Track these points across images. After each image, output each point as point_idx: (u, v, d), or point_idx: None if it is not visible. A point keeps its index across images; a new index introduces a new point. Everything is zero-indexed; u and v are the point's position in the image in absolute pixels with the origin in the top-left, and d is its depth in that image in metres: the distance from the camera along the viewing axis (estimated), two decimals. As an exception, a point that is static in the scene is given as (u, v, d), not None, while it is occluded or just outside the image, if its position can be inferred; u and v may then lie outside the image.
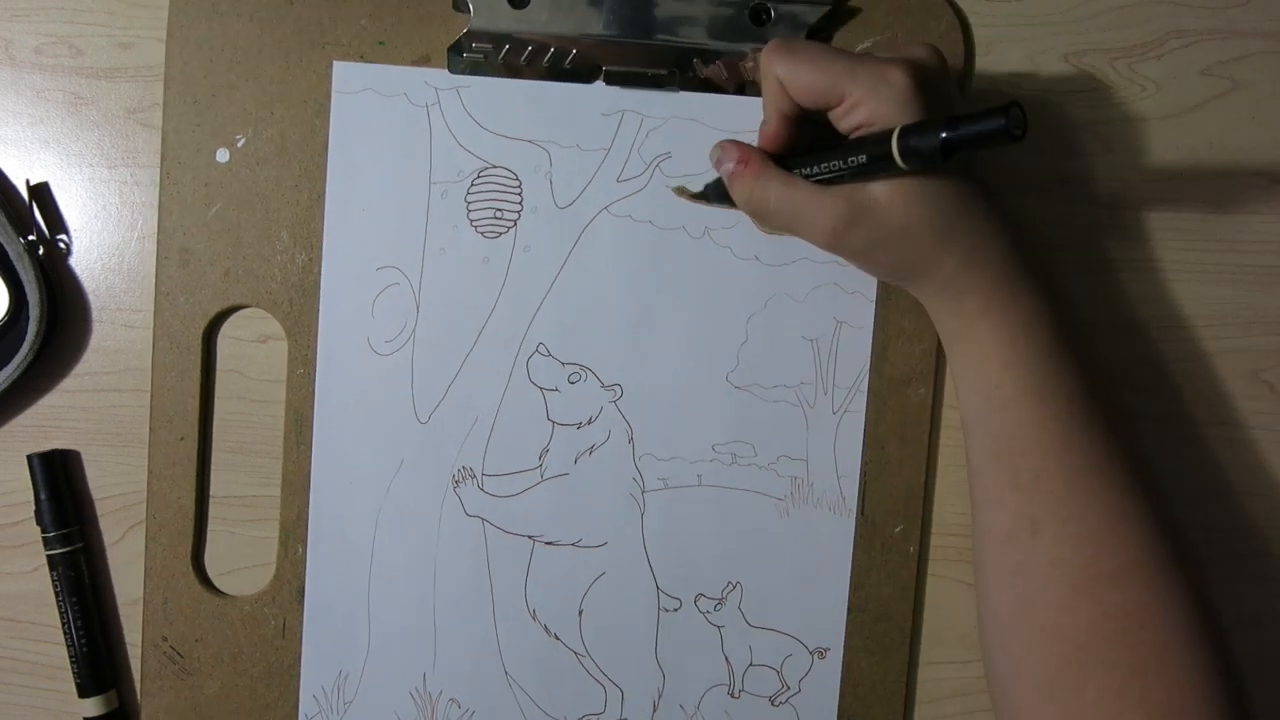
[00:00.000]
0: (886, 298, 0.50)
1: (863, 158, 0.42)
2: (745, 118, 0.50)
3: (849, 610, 0.51)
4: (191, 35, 0.49)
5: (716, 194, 0.49)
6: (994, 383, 0.44)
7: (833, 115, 0.44)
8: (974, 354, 0.45)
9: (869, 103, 0.42)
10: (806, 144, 0.46)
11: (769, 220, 0.46)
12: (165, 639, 0.51)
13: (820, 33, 0.49)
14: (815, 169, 0.44)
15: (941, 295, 0.45)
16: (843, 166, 0.43)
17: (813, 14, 0.48)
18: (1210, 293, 0.51)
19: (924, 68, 0.43)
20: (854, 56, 0.43)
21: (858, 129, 0.43)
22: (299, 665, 0.51)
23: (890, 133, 0.40)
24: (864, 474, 0.51)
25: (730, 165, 0.46)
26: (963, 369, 0.46)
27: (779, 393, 0.51)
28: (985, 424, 0.45)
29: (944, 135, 0.38)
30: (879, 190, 0.43)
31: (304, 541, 0.51)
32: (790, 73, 0.43)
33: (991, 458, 0.45)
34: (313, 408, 0.50)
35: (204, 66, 0.49)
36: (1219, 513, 0.52)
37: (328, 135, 0.50)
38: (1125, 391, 0.52)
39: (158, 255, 0.50)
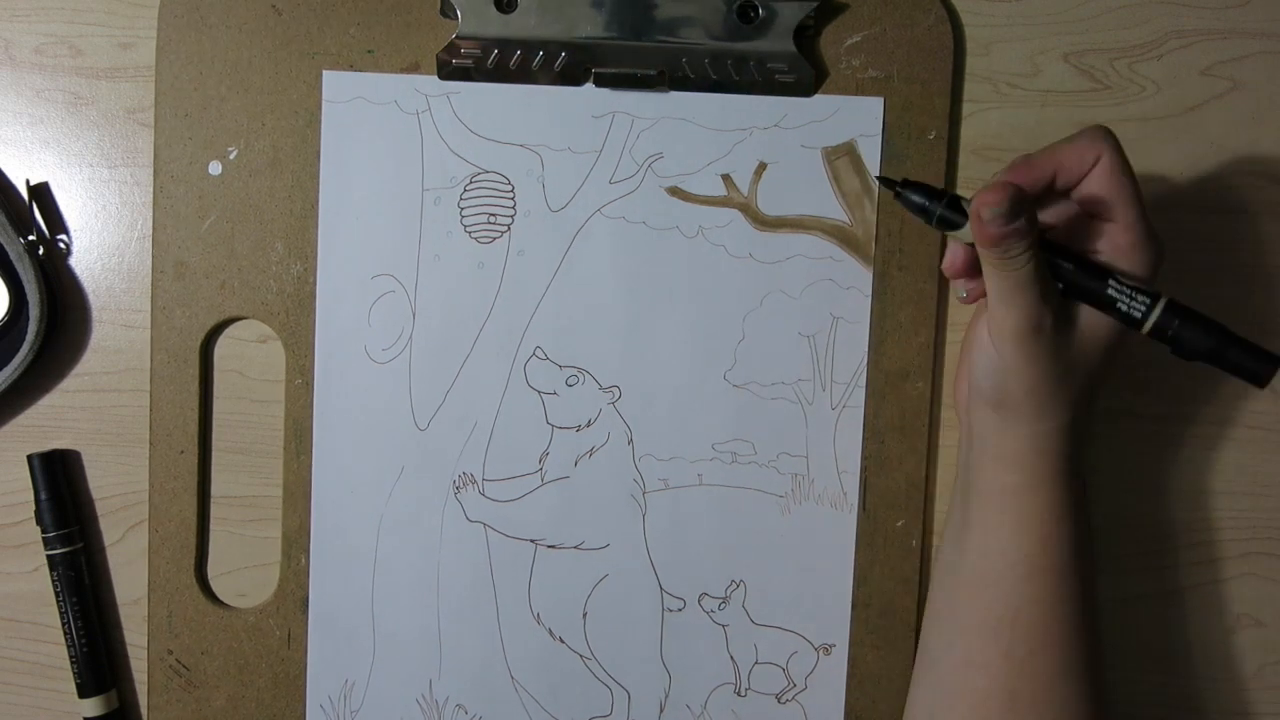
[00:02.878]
0: (883, 292, 0.50)
1: (1117, 301, 0.40)
2: (735, 117, 0.50)
3: (853, 606, 0.51)
4: (181, 48, 0.49)
5: (944, 220, 0.42)
6: (1026, 552, 0.44)
7: (1094, 223, 0.42)
8: (1018, 516, 0.44)
9: (1132, 246, 0.41)
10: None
11: (999, 277, 0.41)
12: (171, 652, 0.51)
13: (809, 29, 0.49)
14: (1063, 265, 0.41)
15: (1029, 444, 0.43)
16: (1085, 286, 0.41)
17: (801, 10, 0.48)
18: (1210, 293, 0.51)
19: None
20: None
21: (1095, 252, 0.42)
22: (305, 675, 0.51)
23: (1156, 296, 0.40)
24: (864, 469, 0.51)
25: (1016, 223, 0.39)
26: (994, 526, 0.44)
27: (777, 390, 0.51)
28: (998, 586, 0.44)
29: (1212, 346, 0.38)
30: (1085, 317, 0.42)
31: (307, 551, 0.51)
32: (1115, 164, 0.41)
33: (992, 621, 0.44)
34: (312, 417, 0.50)
35: (194, 79, 0.49)
36: (1219, 513, 0.52)
37: (319, 145, 0.50)
38: (1125, 391, 0.52)
39: (153, 269, 0.50)
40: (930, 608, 0.48)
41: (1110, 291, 0.41)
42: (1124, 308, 0.41)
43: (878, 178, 0.48)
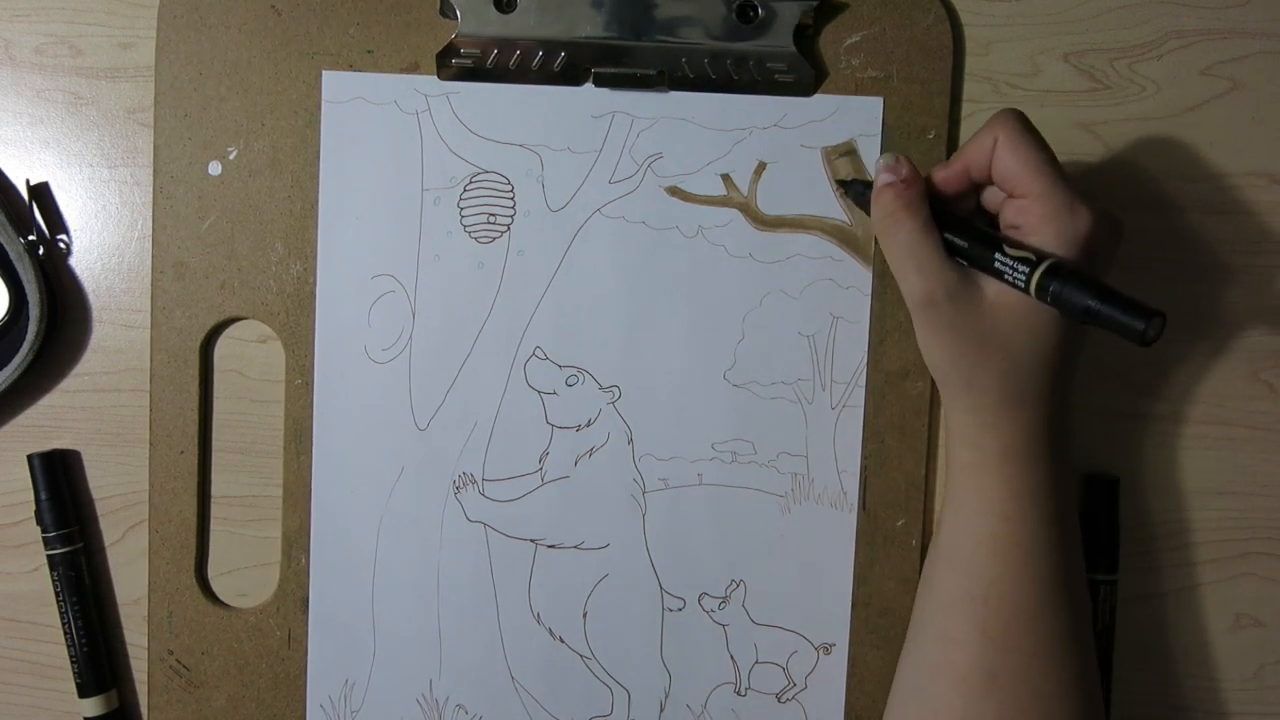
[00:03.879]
0: (882, 292, 0.50)
1: (1003, 268, 0.42)
2: (735, 117, 0.50)
3: (853, 605, 0.51)
4: (180, 49, 0.49)
5: (856, 194, 0.48)
6: (990, 530, 0.44)
7: (1006, 203, 0.44)
8: (977, 494, 0.44)
9: (1044, 216, 0.42)
10: (963, 211, 0.46)
11: (887, 248, 0.45)
12: (171, 652, 0.51)
13: (808, 29, 0.49)
14: (956, 241, 0.43)
15: (972, 419, 0.44)
16: (980, 259, 0.42)
17: (800, 10, 0.48)
18: (1210, 293, 0.51)
19: (1108, 227, 0.43)
20: (1063, 173, 0.42)
21: (1015, 228, 0.43)
22: (305, 675, 0.51)
23: (1042, 258, 0.40)
24: (864, 468, 0.51)
25: (890, 178, 0.45)
26: (960, 503, 0.45)
27: (777, 389, 0.51)
28: (968, 564, 0.45)
29: (1089, 304, 0.38)
30: (990, 287, 0.43)
31: (307, 551, 0.51)
32: (1011, 142, 0.42)
33: (964, 598, 0.44)
34: (312, 417, 0.50)
35: (193, 80, 0.49)
36: (1219, 513, 0.52)
37: (319, 145, 0.50)
38: (1125, 391, 0.52)
39: (153, 270, 0.50)
40: (920, 584, 0.49)
41: (997, 262, 0.42)
42: (1010, 275, 0.42)
43: (839, 182, 0.50)
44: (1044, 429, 0.44)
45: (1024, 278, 0.41)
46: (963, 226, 0.44)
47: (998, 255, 0.42)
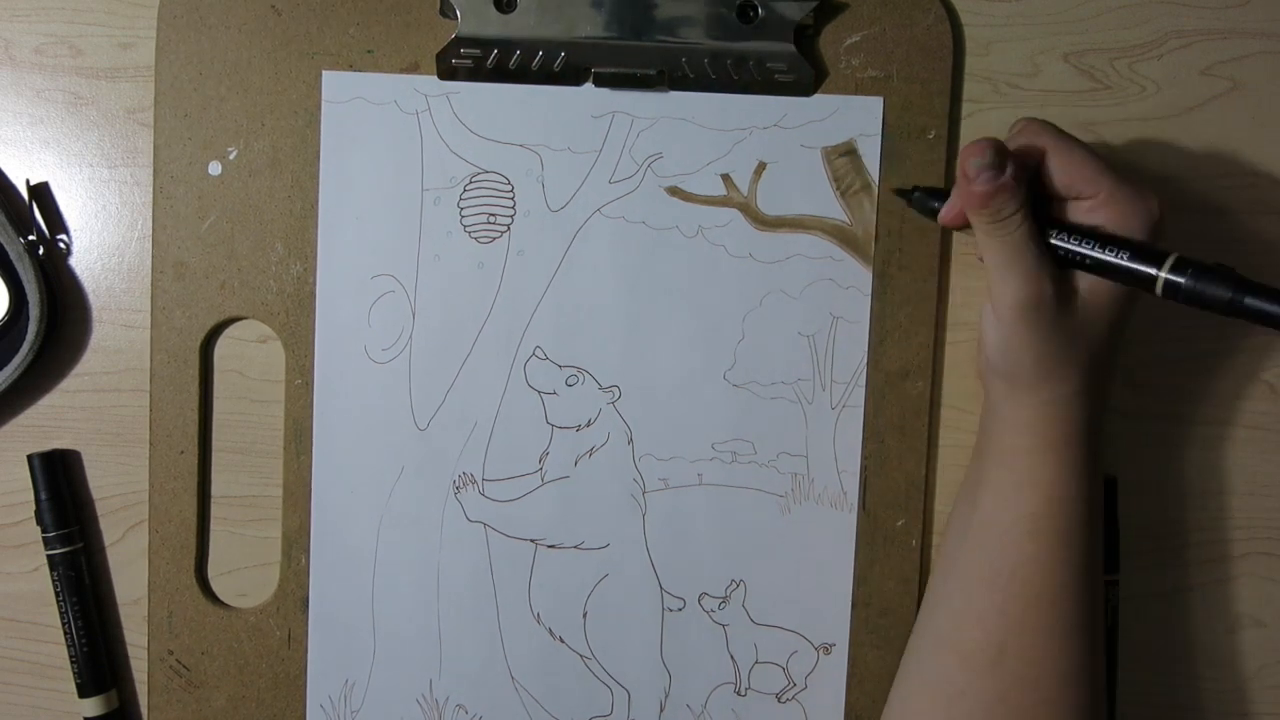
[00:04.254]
0: (882, 291, 0.50)
1: (1122, 261, 0.41)
2: (735, 117, 0.50)
3: (853, 605, 0.51)
4: (180, 48, 0.49)
5: (920, 203, 0.46)
6: (1030, 510, 0.44)
7: (1073, 205, 0.43)
8: (1022, 475, 0.44)
9: (1122, 212, 0.41)
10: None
11: (992, 246, 0.42)
12: (171, 652, 0.51)
13: (809, 29, 0.49)
14: (1064, 239, 0.42)
15: (1037, 411, 0.44)
16: (1091, 259, 0.41)
17: (801, 10, 0.48)
18: (1210, 293, 0.51)
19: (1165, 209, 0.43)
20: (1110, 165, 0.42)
21: (1096, 228, 0.42)
22: (305, 675, 0.51)
23: (1163, 255, 0.40)
24: (864, 469, 0.51)
25: (1001, 176, 0.41)
26: (1000, 484, 0.45)
27: (777, 389, 0.51)
28: (998, 542, 0.45)
29: (1230, 296, 0.37)
30: (1083, 282, 0.42)
31: (307, 551, 0.51)
32: (1062, 149, 0.42)
33: (989, 577, 0.45)
34: (312, 417, 0.50)
35: (193, 80, 0.49)
36: (1219, 513, 0.52)
37: (319, 145, 0.50)
38: (1125, 391, 0.52)
39: (153, 270, 0.50)
40: (936, 564, 0.49)
41: (1109, 261, 0.41)
42: (1124, 273, 0.41)
43: (896, 191, 0.48)
44: (1099, 418, 0.44)
45: (1144, 275, 0.40)
46: (1062, 225, 0.43)
47: (1112, 252, 0.41)
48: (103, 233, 0.51)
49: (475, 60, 0.49)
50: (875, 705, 0.51)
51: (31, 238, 0.50)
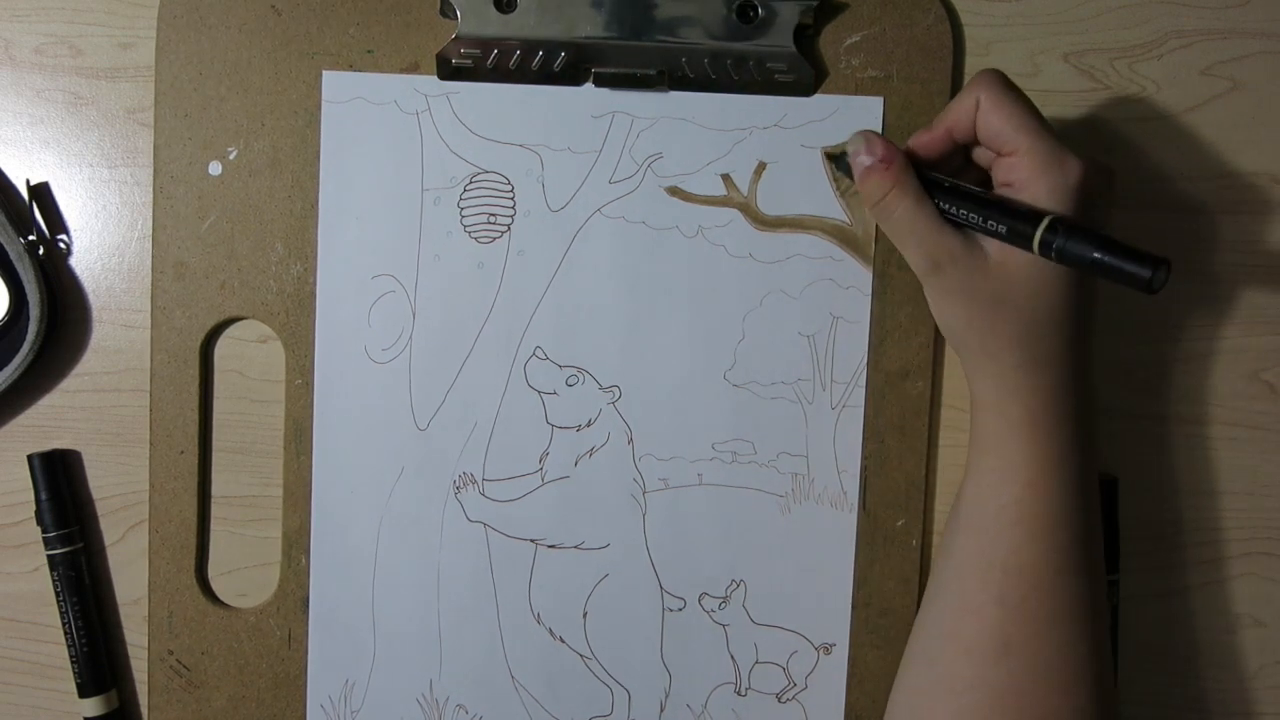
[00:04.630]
0: (882, 291, 0.50)
1: (1002, 228, 0.41)
2: (735, 117, 0.50)
3: (853, 605, 0.51)
4: (180, 48, 0.49)
5: (845, 168, 0.48)
6: (1012, 497, 0.44)
7: (996, 162, 0.44)
8: (1002, 461, 0.44)
9: (1034, 172, 0.42)
10: (951, 169, 0.46)
11: (884, 226, 0.46)
12: (171, 652, 0.51)
13: (809, 29, 0.49)
14: (952, 208, 0.43)
15: (994, 384, 0.44)
16: (978, 223, 0.42)
17: (800, 10, 0.48)
18: (1210, 293, 0.51)
19: (1099, 174, 0.43)
20: (1046, 125, 0.43)
21: (1008, 186, 0.43)
22: (305, 675, 0.51)
23: (1040, 216, 0.40)
24: (864, 469, 0.51)
25: (869, 160, 0.45)
26: (982, 470, 0.45)
27: (777, 389, 0.51)
28: (986, 531, 0.45)
29: (1093, 255, 0.38)
30: (994, 248, 0.43)
31: (307, 552, 0.51)
32: (993, 102, 0.43)
33: (982, 567, 0.44)
34: (312, 417, 0.50)
35: (193, 80, 0.49)
36: (1219, 513, 0.52)
37: (319, 145, 0.50)
38: (1125, 391, 0.52)
39: (153, 270, 0.50)
40: (935, 557, 0.49)
41: (993, 223, 0.42)
42: (1010, 235, 0.42)
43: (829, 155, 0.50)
44: (1067, 393, 0.44)
45: (1025, 236, 0.41)
46: (956, 192, 0.44)
47: (994, 216, 0.42)
48: (103, 233, 0.51)
49: (475, 60, 0.49)
50: (875, 705, 0.51)
51: (31, 238, 0.50)
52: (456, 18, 0.49)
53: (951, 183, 0.44)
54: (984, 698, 0.43)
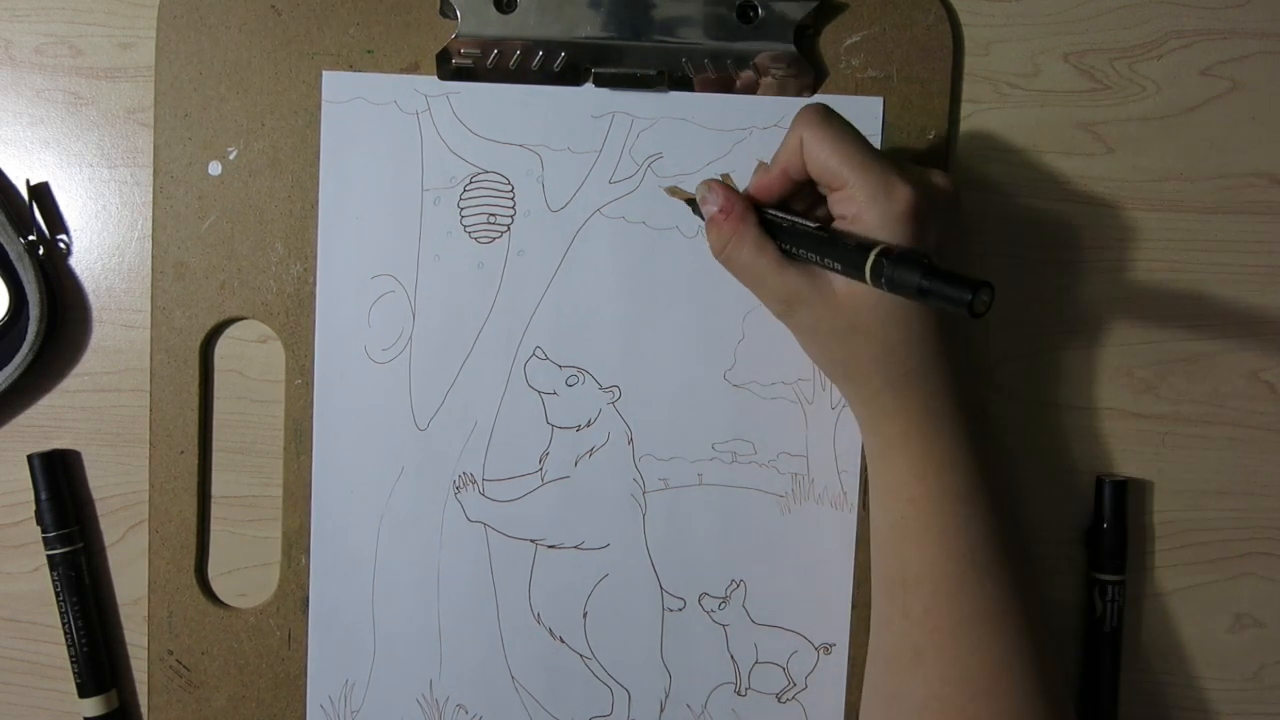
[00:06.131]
0: (882, 292, 0.50)
1: (838, 264, 0.42)
2: (735, 117, 0.50)
3: (853, 605, 0.51)
4: (180, 48, 0.49)
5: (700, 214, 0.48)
6: (899, 513, 0.44)
7: (830, 196, 0.44)
8: (885, 478, 0.45)
9: (863, 204, 0.42)
10: (802, 203, 0.46)
11: (732, 272, 0.46)
12: (171, 652, 0.51)
13: (809, 29, 0.49)
14: (792, 248, 0.44)
15: (866, 408, 0.46)
16: (818, 260, 0.43)
17: (800, 10, 0.48)
18: (1210, 293, 0.51)
19: (933, 194, 0.43)
20: (874, 154, 0.43)
21: (843, 219, 0.43)
22: (305, 675, 0.51)
23: (870, 247, 0.40)
24: (864, 468, 0.51)
25: (712, 209, 0.46)
26: (876, 488, 0.46)
27: (777, 389, 0.51)
28: (883, 548, 0.45)
29: (920, 283, 0.38)
30: (839, 283, 0.43)
31: (307, 551, 0.51)
32: (814, 141, 0.43)
33: (885, 581, 0.45)
34: (312, 417, 0.50)
35: (193, 80, 0.49)
36: (1219, 513, 0.52)
37: (319, 145, 0.50)
38: (1126, 391, 0.52)
39: (153, 270, 0.50)
40: None
41: (830, 260, 0.42)
42: (847, 269, 0.42)
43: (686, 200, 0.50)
44: (942, 407, 0.44)
45: (858, 268, 0.41)
46: (794, 231, 0.44)
47: (828, 252, 0.42)
48: (103, 233, 0.51)
49: (475, 60, 0.49)
50: (875, 705, 0.51)
51: (31, 238, 0.50)
52: (456, 18, 0.49)
53: (790, 222, 0.44)
54: (908, 706, 0.43)
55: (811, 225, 0.44)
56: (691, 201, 0.49)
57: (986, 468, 0.45)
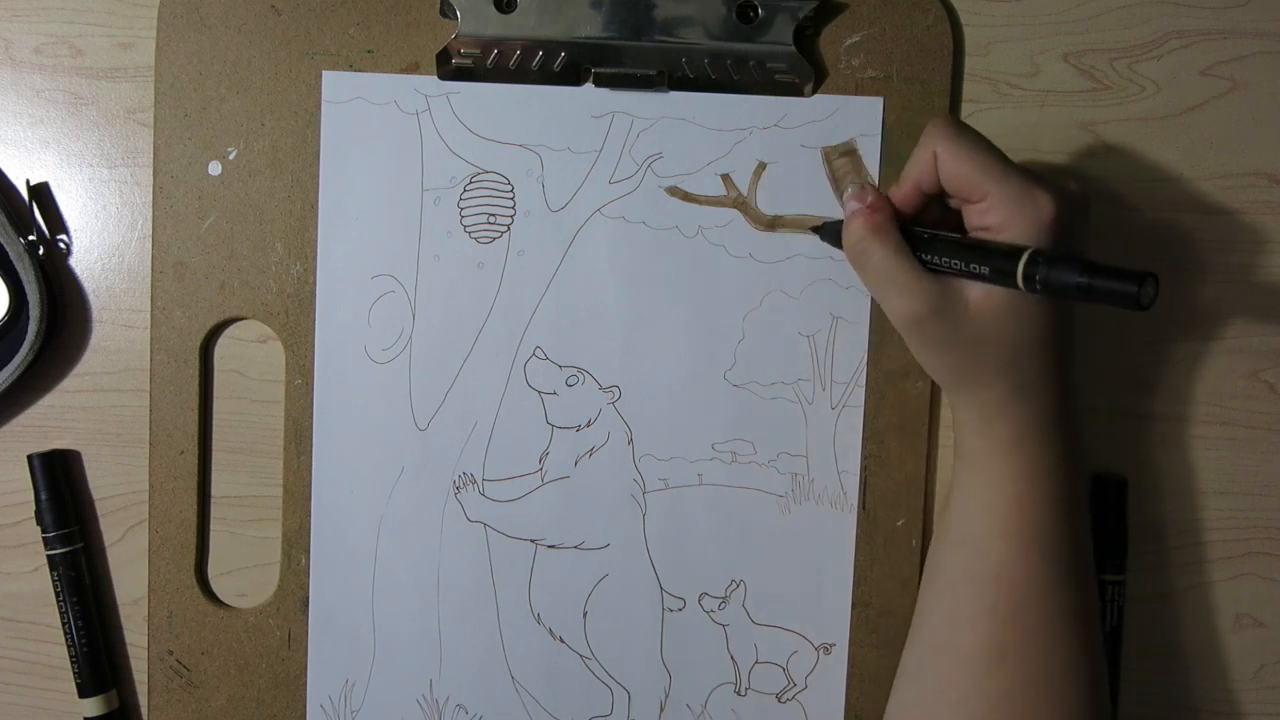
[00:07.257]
0: (882, 292, 0.50)
1: (985, 270, 0.41)
2: (735, 117, 0.50)
3: (853, 605, 0.51)
4: (180, 48, 0.49)
5: (831, 236, 0.48)
6: (1001, 513, 0.44)
7: (966, 208, 0.44)
8: (988, 478, 0.45)
9: (1008, 214, 0.42)
10: (931, 218, 0.46)
11: (862, 274, 0.45)
12: (171, 652, 0.51)
13: (808, 29, 0.49)
14: (933, 257, 0.43)
15: (978, 412, 0.45)
16: (961, 268, 0.42)
17: (800, 10, 0.48)
18: (1210, 293, 0.51)
19: (1071, 202, 0.43)
20: (1011, 164, 0.43)
21: (984, 230, 0.43)
22: (305, 675, 0.51)
23: (1020, 251, 0.40)
24: (864, 468, 0.51)
25: (858, 205, 0.45)
26: (970, 486, 0.46)
27: (777, 390, 0.51)
28: (976, 544, 0.45)
29: (1078, 281, 0.38)
30: (973, 292, 0.43)
31: (307, 551, 0.51)
32: (950, 154, 0.43)
33: (974, 579, 0.45)
34: (312, 417, 0.50)
35: (193, 80, 0.49)
36: (1219, 513, 0.52)
37: (319, 145, 0.50)
38: (1127, 391, 0.52)
39: (153, 270, 0.50)
40: (926, 567, 0.49)
41: (977, 268, 0.42)
42: (994, 277, 0.41)
43: (813, 229, 0.50)
44: (1053, 413, 0.44)
45: (1009, 273, 0.41)
46: (935, 241, 0.44)
47: (975, 259, 0.42)
48: (103, 233, 0.51)
49: (475, 60, 0.49)
50: (875, 705, 0.51)
51: (31, 238, 0.50)
52: (456, 18, 0.49)
53: (930, 234, 0.44)
54: (981, 706, 0.44)
55: (953, 235, 0.44)
56: (822, 227, 0.49)
57: (1080, 474, 0.46)
